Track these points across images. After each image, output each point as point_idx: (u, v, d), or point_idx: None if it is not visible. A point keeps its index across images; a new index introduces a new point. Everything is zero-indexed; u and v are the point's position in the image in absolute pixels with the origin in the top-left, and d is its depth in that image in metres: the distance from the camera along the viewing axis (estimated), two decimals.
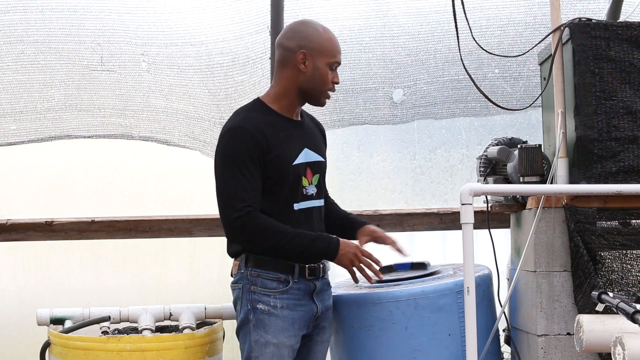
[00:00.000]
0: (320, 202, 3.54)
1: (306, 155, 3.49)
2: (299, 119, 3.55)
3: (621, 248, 3.71)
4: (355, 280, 3.49)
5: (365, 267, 3.46)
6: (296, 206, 3.46)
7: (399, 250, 3.60)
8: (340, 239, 3.47)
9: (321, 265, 3.52)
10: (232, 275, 3.52)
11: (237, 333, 3.48)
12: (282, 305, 3.43)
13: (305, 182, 3.48)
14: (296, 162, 3.46)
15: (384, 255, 5.29)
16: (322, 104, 3.53)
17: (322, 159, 3.57)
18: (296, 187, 3.45)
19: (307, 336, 3.54)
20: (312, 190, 3.50)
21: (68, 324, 3.91)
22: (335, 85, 3.51)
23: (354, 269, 3.46)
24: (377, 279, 3.55)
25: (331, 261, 3.47)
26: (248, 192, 3.35)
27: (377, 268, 3.49)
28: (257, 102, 3.52)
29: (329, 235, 3.49)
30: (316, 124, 3.68)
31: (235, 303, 3.49)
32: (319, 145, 3.59)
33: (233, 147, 3.38)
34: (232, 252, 3.52)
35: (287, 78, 3.47)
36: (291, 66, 3.45)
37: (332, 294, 3.84)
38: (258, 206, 3.37)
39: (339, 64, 3.50)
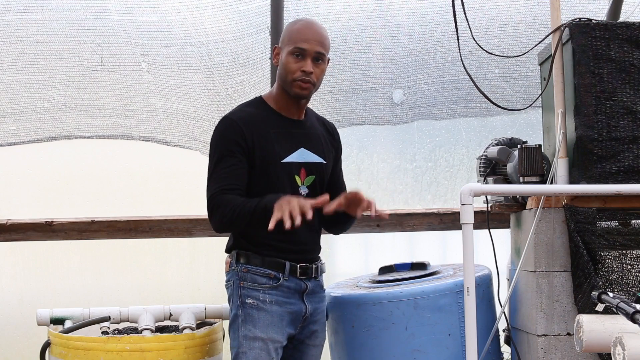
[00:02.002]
0: None
1: (301, 155, 3.48)
2: (302, 118, 3.54)
3: (621, 248, 3.71)
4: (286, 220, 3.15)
5: (291, 209, 3.18)
6: None
7: (375, 211, 3.40)
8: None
9: (314, 266, 3.51)
10: (225, 274, 3.52)
11: (229, 331, 3.47)
12: (271, 300, 3.41)
13: (299, 181, 3.47)
14: (287, 160, 3.44)
15: (384, 255, 5.31)
16: (296, 95, 3.43)
17: (322, 161, 3.54)
18: (287, 186, 3.44)
19: (299, 340, 3.53)
20: (304, 191, 3.49)
21: (68, 324, 3.91)
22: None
23: (285, 212, 3.18)
24: (297, 222, 3.17)
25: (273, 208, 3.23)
26: (220, 180, 3.36)
27: (306, 215, 3.18)
28: (258, 99, 3.55)
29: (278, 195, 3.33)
30: (324, 125, 3.65)
31: (229, 302, 3.49)
32: (322, 147, 3.56)
33: (217, 139, 3.44)
34: (227, 247, 3.52)
35: (276, 76, 3.51)
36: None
37: (333, 294, 3.85)
38: (231, 190, 3.34)
39: (304, 50, 3.39)
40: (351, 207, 3.42)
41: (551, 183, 3.82)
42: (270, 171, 3.41)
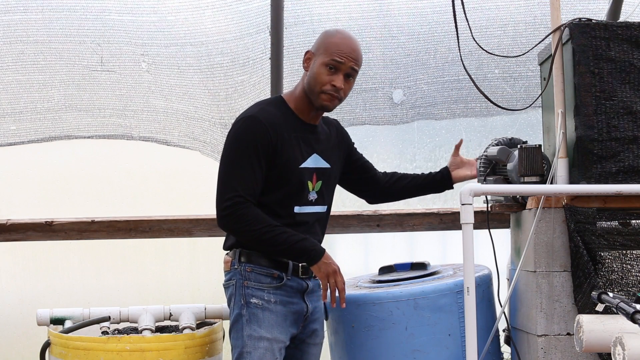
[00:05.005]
0: (321, 209, 3.53)
1: (315, 161, 3.48)
2: (316, 123, 3.53)
3: (621, 248, 3.70)
4: (325, 297, 3.37)
5: (338, 289, 3.37)
6: (297, 209, 3.45)
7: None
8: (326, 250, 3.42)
9: None
10: (224, 273, 3.51)
11: (230, 331, 3.46)
12: (275, 300, 3.42)
13: (310, 186, 3.48)
14: (303, 165, 3.44)
15: (384, 255, 5.32)
16: (321, 107, 3.45)
17: (328, 166, 3.54)
18: (300, 190, 3.44)
19: (300, 339, 3.53)
20: (312, 196, 3.49)
21: (68, 324, 3.91)
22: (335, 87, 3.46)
23: (328, 284, 3.36)
24: (340, 306, 3.41)
25: (310, 265, 3.37)
26: (243, 183, 3.32)
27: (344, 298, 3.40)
28: (279, 98, 3.52)
29: (315, 241, 3.44)
30: (328, 124, 3.62)
31: (229, 301, 3.48)
32: (329, 152, 3.56)
33: (242, 136, 3.36)
34: (226, 245, 3.51)
35: (301, 80, 3.49)
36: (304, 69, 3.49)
37: None
38: (253, 198, 3.34)
39: (340, 64, 3.39)
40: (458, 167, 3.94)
41: (551, 183, 3.82)
42: (287, 176, 3.41)
